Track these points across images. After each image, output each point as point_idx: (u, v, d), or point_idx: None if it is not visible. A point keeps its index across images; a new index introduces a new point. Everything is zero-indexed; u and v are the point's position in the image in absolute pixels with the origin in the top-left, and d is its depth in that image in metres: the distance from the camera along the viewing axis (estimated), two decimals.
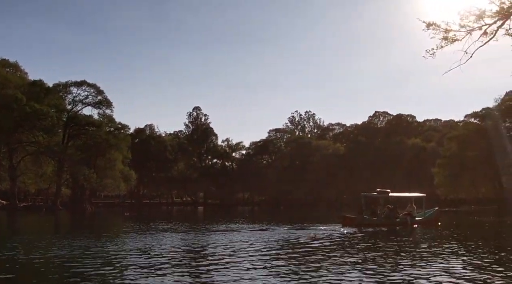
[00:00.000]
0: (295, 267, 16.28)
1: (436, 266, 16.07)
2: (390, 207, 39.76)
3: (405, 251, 21.39)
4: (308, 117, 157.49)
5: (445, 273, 14.71)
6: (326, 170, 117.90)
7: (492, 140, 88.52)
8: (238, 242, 24.38)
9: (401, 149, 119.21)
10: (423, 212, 40.96)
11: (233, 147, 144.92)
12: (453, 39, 10.90)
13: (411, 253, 20.33)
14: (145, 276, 14.49)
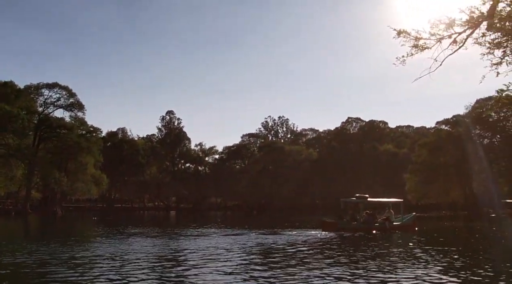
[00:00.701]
0: (272, 272, 16.26)
1: (411, 271, 16.25)
2: (368, 212, 40.10)
3: (382, 255, 21.71)
4: (282, 122, 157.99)
5: (419, 277, 14.84)
6: (299, 175, 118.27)
7: (462, 146, 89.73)
8: (211, 248, 24.25)
9: (373, 155, 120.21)
10: (401, 217, 41.44)
11: (206, 152, 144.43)
12: (423, 47, 10.99)
13: (388, 258, 20.60)
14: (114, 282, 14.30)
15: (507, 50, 10.61)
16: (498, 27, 10.45)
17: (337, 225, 38.21)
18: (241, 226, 45.04)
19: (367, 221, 38.91)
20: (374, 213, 40.15)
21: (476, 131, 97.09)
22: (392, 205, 42.19)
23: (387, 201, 43.52)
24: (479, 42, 10.99)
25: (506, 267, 18.04)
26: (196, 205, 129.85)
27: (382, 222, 39.11)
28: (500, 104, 10.73)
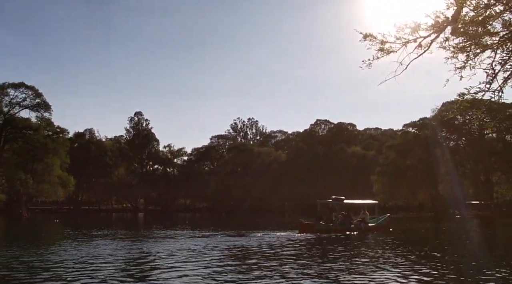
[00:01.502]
0: (245, 275, 16.20)
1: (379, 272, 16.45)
2: (344, 213, 40.67)
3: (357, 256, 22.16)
4: (251, 124, 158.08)
5: (389, 278, 15.01)
6: (268, 177, 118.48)
7: (429, 149, 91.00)
8: (179, 250, 24.05)
9: (342, 157, 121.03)
10: (375, 218, 42.28)
11: (175, 153, 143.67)
12: (389, 50, 11.11)
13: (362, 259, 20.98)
14: None
15: (470, 54, 10.80)
16: (461, 31, 10.62)
17: (314, 226, 38.65)
18: (210, 228, 44.93)
19: (343, 223, 39.52)
20: (349, 215, 40.76)
21: (442, 133, 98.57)
22: (367, 206, 43.08)
23: (363, 203, 44.47)
24: (444, 46, 11.12)
25: (469, 266, 18.36)
26: (165, 207, 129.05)
27: (358, 223, 39.84)
28: (461, 107, 10.87)
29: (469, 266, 18.66)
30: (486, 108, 11.63)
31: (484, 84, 10.63)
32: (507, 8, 10.30)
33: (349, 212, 41.38)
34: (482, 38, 10.67)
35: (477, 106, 11.29)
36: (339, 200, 42.54)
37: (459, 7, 10.45)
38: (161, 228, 46.76)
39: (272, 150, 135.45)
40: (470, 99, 10.87)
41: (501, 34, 10.63)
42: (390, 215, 45.04)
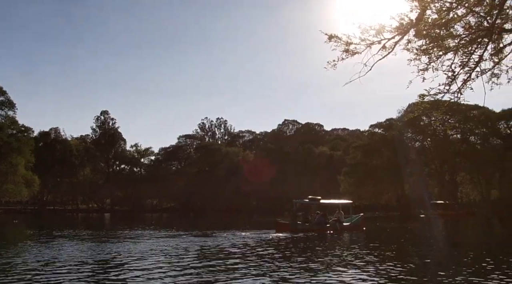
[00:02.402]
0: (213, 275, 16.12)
1: (356, 270, 16.55)
2: (320, 213, 41.28)
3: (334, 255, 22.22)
4: (220, 123, 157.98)
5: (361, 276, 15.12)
6: (236, 176, 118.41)
7: (395, 149, 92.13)
8: (145, 251, 23.80)
9: (309, 156, 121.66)
10: (350, 217, 43.07)
11: (142, 153, 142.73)
12: (354, 52, 11.17)
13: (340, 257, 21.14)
14: None
15: (432, 56, 10.93)
16: (424, 34, 10.74)
17: (290, 226, 39.15)
18: (177, 229, 44.70)
19: (319, 222, 40.08)
20: (325, 214, 41.33)
21: (408, 134, 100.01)
22: (342, 206, 43.79)
23: (338, 203, 45.42)
24: (408, 48, 11.24)
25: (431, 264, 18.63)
26: (131, 207, 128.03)
27: (333, 222, 40.41)
28: (422, 108, 11.01)
29: (433, 264, 18.96)
30: (445, 109, 11.79)
31: (444, 85, 10.80)
32: (469, 12, 10.45)
33: (325, 212, 41.99)
34: (444, 41, 10.82)
35: (437, 107, 11.46)
36: (316, 200, 43.31)
37: (423, 10, 10.56)
38: (127, 228, 46.29)
39: (240, 150, 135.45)
40: (430, 101, 11.01)
41: (463, 37, 10.79)
42: (363, 215, 45.97)
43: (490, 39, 10.65)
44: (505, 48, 10.89)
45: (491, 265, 18.04)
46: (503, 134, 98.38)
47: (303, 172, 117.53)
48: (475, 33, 10.65)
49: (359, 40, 11.32)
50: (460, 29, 10.79)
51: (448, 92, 10.80)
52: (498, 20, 10.74)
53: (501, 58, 10.89)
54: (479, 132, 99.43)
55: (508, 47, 10.86)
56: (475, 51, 10.72)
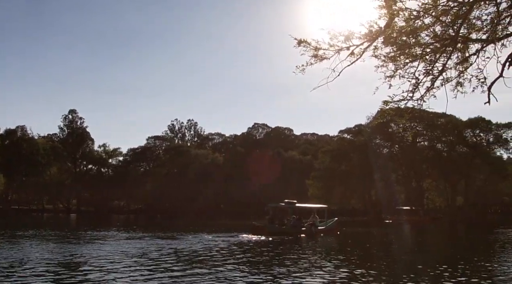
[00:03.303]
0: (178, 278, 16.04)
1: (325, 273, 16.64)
2: (295, 217, 42.00)
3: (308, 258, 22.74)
4: (190, 125, 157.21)
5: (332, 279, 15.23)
6: (205, 179, 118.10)
7: (364, 155, 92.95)
8: (107, 253, 23.60)
9: (278, 160, 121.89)
10: (325, 222, 44.14)
11: (110, 153, 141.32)
12: (322, 57, 11.23)
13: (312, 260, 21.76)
14: None
15: (399, 63, 11.06)
16: (392, 41, 10.86)
17: (266, 229, 39.52)
18: (142, 230, 44.49)
19: (295, 225, 40.86)
20: (300, 218, 42.17)
21: (376, 140, 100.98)
22: (317, 210, 45.12)
23: (313, 207, 46.68)
24: (376, 55, 11.34)
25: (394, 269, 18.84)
26: (98, 208, 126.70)
27: (308, 226, 41.29)
28: (385, 115, 11.15)
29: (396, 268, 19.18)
30: (409, 116, 11.95)
31: (407, 92, 10.94)
32: (436, 20, 10.60)
33: (300, 216, 42.75)
34: (411, 49, 10.96)
35: (400, 114, 11.59)
36: (292, 203, 44.11)
37: (391, 18, 10.66)
38: (92, 229, 45.87)
39: (209, 152, 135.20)
40: (394, 107, 11.14)
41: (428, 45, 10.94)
42: (338, 219, 46.66)
43: (454, 48, 10.81)
44: (470, 58, 11.07)
45: (450, 270, 18.32)
46: (470, 142, 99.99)
47: (272, 175, 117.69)
48: (439, 41, 10.81)
49: (328, 46, 11.38)
50: (427, 38, 10.94)
51: (411, 99, 10.95)
52: (464, 30, 10.92)
53: (466, 67, 11.06)
54: (446, 139, 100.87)
55: (473, 56, 11.02)
56: (438, 59, 10.88)
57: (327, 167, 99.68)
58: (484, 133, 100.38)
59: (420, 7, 10.43)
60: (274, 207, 45.34)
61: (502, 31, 10.76)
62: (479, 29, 10.87)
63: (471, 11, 10.35)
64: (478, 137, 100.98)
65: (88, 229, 46.14)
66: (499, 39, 10.59)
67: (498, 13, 10.37)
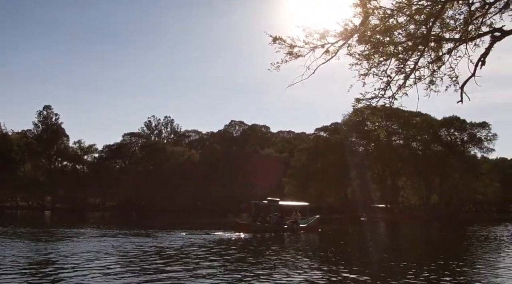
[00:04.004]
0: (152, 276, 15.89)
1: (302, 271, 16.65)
2: (277, 214, 42.84)
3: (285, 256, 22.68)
4: (167, 122, 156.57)
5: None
6: (181, 176, 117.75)
7: (340, 153, 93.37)
8: (87, 251, 23.26)
9: (254, 157, 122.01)
10: (306, 219, 44.83)
11: (85, 150, 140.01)
12: (297, 54, 11.21)
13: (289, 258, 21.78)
14: None
15: (373, 62, 11.09)
16: (366, 40, 10.88)
17: (250, 226, 40.30)
18: (117, 228, 44.16)
19: (278, 223, 41.56)
20: (283, 216, 43.14)
21: (352, 138, 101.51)
22: (299, 208, 46.00)
23: (295, 205, 47.62)
24: (350, 53, 11.36)
25: (367, 267, 18.93)
26: (73, 205, 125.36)
27: (290, 224, 42.11)
28: (358, 112, 11.21)
29: (371, 265, 19.29)
30: (381, 114, 12.01)
31: (379, 90, 10.99)
32: (410, 19, 10.65)
33: (283, 213, 43.72)
34: (385, 47, 11.00)
35: (372, 112, 11.64)
36: (274, 201, 45.23)
37: (366, 16, 10.68)
38: (66, 227, 45.38)
39: (185, 149, 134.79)
40: (366, 105, 11.18)
41: (401, 43, 11.00)
42: (319, 217, 47.09)
43: (427, 46, 10.87)
44: (444, 57, 11.14)
45: (424, 268, 18.45)
46: (444, 141, 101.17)
47: (248, 172, 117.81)
48: (412, 40, 10.87)
49: (303, 43, 11.37)
50: (401, 36, 11.00)
51: (383, 97, 11.00)
52: (438, 29, 10.98)
53: (439, 66, 11.13)
54: (421, 138, 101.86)
55: (446, 55, 11.09)
56: (410, 57, 10.94)
57: (304, 165, 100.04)
58: (459, 132, 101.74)
59: (394, 6, 10.47)
60: (257, 205, 46.20)
61: (476, 31, 10.85)
62: (453, 29, 10.95)
63: (443, 10, 10.42)
64: (453, 136, 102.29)
65: (62, 227, 45.61)
66: (471, 39, 10.68)
67: (470, 13, 10.45)
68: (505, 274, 17.03)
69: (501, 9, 10.68)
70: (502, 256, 23.48)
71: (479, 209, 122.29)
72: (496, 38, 10.91)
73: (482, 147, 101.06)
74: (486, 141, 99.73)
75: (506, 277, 16.28)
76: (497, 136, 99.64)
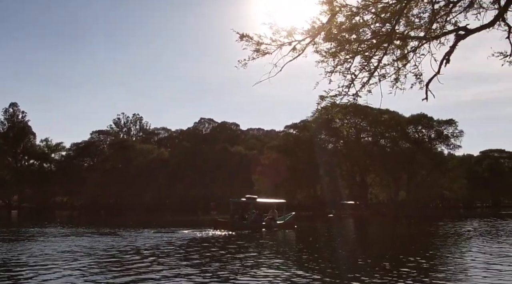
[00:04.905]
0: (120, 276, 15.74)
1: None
2: (255, 212, 43.60)
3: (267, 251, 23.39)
4: (135, 120, 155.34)
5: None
6: (150, 174, 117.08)
7: (309, 150, 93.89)
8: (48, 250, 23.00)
9: (224, 155, 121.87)
10: (283, 216, 45.52)
11: (53, 148, 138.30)
12: (265, 52, 11.22)
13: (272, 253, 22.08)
14: None
15: (340, 59, 11.16)
16: (332, 37, 10.94)
17: (229, 224, 41.04)
18: (85, 227, 43.82)
19: (256, 220, 42.38)
20: (261, 213, 43.82)
21: (321, 136, 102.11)
22: (277, 205, 46.63)
23: (272, 202, 48.25)
24: (318, 50, 11.40)
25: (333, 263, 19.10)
26: (41, 204, 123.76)
27: (268, 221, 42.82)
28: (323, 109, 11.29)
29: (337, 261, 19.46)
30: (345, 111, 12.11)
31: (342, 88, 11.08)
32: (376, 17, 10.74)
33: (260, 211, 44.42)
34: (351, 45, 11.07)
35: (335, 109, 11.72)
36: (253, 199, 46.41)
37: (333, 14, 10.74)
38: (33, 226, 44.85)
39: (154, 147, 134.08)
40: (330, 102, 11.26)
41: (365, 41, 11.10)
42: (295, 213, 47.69)
43: (390, 44, 10.98)
44: (409, 55, 11.26)
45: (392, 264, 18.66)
46: (412, 138, 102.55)
47: (218, 170, 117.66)
48: (376, 37, 10.97)
49: (270, 41, 11.37)
50: (367, 34, 11.09)
51: (346, 94, 11.10)
52: (403, 27, 11.11)
53: (404, 64, 11.25)
54: (390, 135, 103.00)
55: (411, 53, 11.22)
56: (374, 55, 11.04)
57: (273, 162, 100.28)
58: (426, 130, 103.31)
59: (360, 4, 10.55)
60: (236, 203, 46.61)
61: (440, 29, 10.98)
62: (418, 27, 11.09)
63: (406, 8, 10.54)
64: (420, 133, 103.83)
65: (28, 226, 45.09)
66: (436, 37, 10.82)
67: (434, 12, 10.59)
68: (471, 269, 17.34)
69: (465, 8, 10.84)
70: (466, 251, 23.86)
71: (446, 205, 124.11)
72: (460, 37, 11.08)
73: (449, 144, 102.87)
74: (453, 138, 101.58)
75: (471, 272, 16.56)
76: (463, 133, 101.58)
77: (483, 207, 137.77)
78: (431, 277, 15.50)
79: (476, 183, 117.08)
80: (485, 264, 18.23)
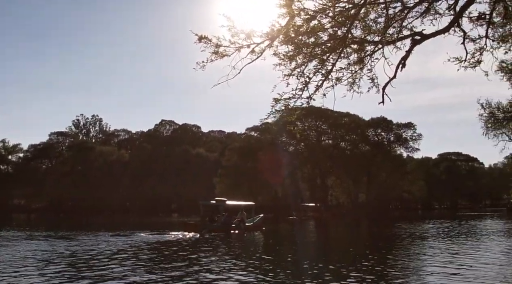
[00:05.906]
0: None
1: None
2: (225, 214, 43.61)
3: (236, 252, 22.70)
4: (95, 121, 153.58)
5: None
6: (110, 176, 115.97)
7: (270, 152, 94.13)
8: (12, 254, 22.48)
9: (185, 157, 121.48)
10: (252, 218, 46.20)
11: (10, 149, 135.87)
12: (223, 54, 11.19)
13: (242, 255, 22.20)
14: None
15: (297, 63, 11.22)
16: (290, 40, 10.99)
17: (198, 226, 41.02)
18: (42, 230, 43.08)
19: (225, 222, 42.27)
20: (231, 215, 43.71)
21: (283, 138, 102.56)
22: (245, 207, 46.66)
23: (241, 205, 48.07)
24: (276, 53, 11.43)
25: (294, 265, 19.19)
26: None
27: (237, 223, 42.85)
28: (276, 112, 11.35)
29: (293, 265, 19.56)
30: (300, 114, 12.20)
31: (296, 91, 11.15)
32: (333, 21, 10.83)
33: (230, 213, 44.37)
34: (308, 48, 11.13)
35: (289, 112, 11.80)
36: (222, 201, 46.88)
37: (291, 17, 10.78)
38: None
39: (114, 149, 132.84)
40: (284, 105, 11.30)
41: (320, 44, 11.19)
42: (263, 216, 48.09)
43: (344, 47, 11.10)
44: (366, 59, 11.40)
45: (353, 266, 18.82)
46: (372, 141, 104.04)
47: (179, 172, 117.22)
48: (330, 41, 11.07)
49: (229, 43, 11.36)
50: (325, 38, 11.17)
51: (300, 97, 11.17)
52: (360, 31, 11.24)
53: (361, 68, 11.39)
54: (350, 138, 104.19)
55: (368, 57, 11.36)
56: (328, 59, 11.14)
57: (235, 164, 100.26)
58: (386, 133, 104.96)
59: (317, 7, 10.62)
60: (206, 205, 46.91)
61: (397, 34, 11.14)
62: (374, 32, 11.24)
63: (359, 12, 10.68)
64: (380, 136, 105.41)
65: None
66: (392, 42, 10.99)
67: (388, 16, 10.74)
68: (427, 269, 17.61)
69: (422, 14, 11.03)
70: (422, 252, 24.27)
71: (405, 206, 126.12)
72: (416, 42, 11.28)
73: (408, 147, 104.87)
74: (411, 141, 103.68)
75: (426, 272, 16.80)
76: (422, 136, 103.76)
77: (441, 209, 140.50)
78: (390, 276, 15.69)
79: (434, 185, 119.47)
80: (442, 264, 18.52)
